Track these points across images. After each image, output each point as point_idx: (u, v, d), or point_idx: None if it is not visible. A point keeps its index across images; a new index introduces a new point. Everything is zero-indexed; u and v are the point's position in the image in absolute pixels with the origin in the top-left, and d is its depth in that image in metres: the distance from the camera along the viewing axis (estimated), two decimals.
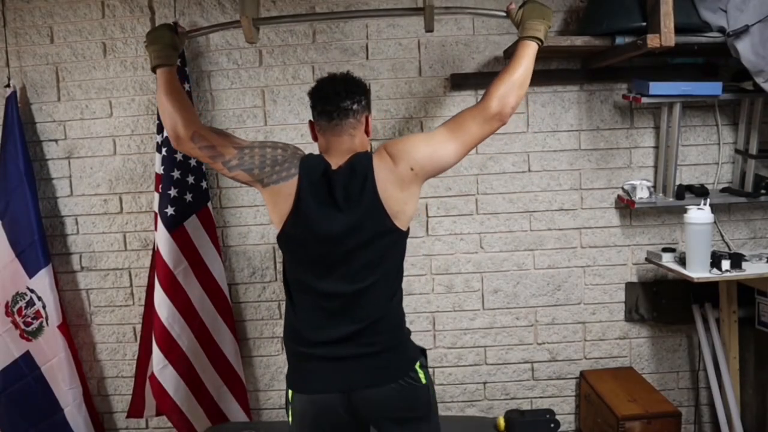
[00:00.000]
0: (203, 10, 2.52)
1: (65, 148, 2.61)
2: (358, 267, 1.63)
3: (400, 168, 1.63)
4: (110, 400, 2.76)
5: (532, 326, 2.65)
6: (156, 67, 1.81)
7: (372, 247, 1.63)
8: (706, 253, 2.18)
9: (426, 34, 2.14)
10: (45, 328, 2.50)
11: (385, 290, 1.68)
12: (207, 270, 2.51)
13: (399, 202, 1.63)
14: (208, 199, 2.52)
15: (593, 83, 2.52)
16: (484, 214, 2.59)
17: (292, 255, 1.72)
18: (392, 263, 1.70)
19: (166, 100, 1.75)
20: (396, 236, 1.66)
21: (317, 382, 1.66)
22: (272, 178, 1.66)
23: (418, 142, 1.69)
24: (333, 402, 1.64)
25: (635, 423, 2.23)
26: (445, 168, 1.70)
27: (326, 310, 1.65)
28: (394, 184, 1.62)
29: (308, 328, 1.67)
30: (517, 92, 1.67)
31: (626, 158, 2.56)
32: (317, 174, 1.64)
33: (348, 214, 1.61)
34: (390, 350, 1.67)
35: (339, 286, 1.64)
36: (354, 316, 1.64)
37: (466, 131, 1.66)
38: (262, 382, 2.73)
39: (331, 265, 1.64)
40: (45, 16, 2.54)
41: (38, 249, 2.47)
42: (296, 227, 1.64)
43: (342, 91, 1.67)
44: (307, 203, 1.62)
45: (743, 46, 2.07)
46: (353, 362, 1.64)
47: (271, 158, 1.67)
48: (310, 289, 1.67)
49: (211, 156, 1.70)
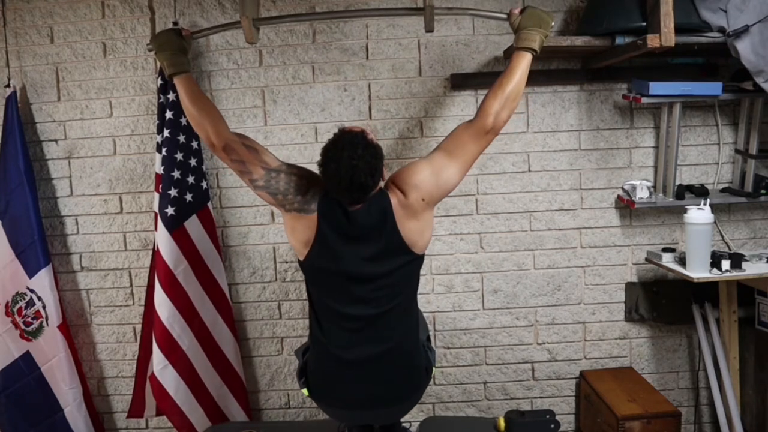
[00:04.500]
0: (203, 10, 2.52)
1: (65, 148, 2.61)
2: (379, 294, 1.70)
3: (411, 200, 1.67)
4: (110, 400, 2.76)
5: (532, 326, 2.65)
6: (172, 75, 1.82)
7: (393, 276, 1.70)
8: (706, 253, 2.19)
9: (426, 34, 2.15)
10: (45, 328, 2.51)
11: (406, 310, 1.77)
12: (207, 270, 2.51)
13: (416, 233, 1.69)
14: (208, 199, 2.53)
15: (593, 83, 2.52)
16: (484, 214, 2.59)
17: (315, 282, 1.77)
18: (410, 287, 1.79)
19: (192, 110, 1.78)
20: (415, 263, 1.74)
21: (341, 401, 1.78)
22: (294, 206, 1.70)
23: (422, 171, 1.70)
24: (353, 415, 1.82)
25: (635, 423, 2.23)
26: (451, 190, 1.76)
27: (350, 330, 1.72)
28: (410, 216, 1.68)
29: (334, 346, 1.74)
30: (510, 105, 1.72)
31: (626, 158, 2.56)
32: (336, 213, 1.67)
33: (369, 247, 1.67)
34: (410, 371, 1.78)
35: (360, 310, 1.70)
36: (377, 336, 1.72)
37: (465, 150, 1.71)
38: (262, 382, 2.73)
39: (353, 293, 1.70)
40: (45, 16, 2.54)
41: (38, 249, 2.47)
42: (320, 259, 1.70)
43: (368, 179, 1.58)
44: (330, 237, 1.67)
45: (743, 46, 2.07)
46: (379, 383, 1.73)
47: (296, 186, 1.70)
48: (334, 311, 1.73)
49: (240, 171, 1.76)
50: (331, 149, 1.60)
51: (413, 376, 1.80)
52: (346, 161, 1.55)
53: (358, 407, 1.78)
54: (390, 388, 1.75)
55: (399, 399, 1.79)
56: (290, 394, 2.74)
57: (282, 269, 2.65)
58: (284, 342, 2.70)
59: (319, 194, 1.68)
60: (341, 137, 1.61)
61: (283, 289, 2.66)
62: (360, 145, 1.57)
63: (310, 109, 2.56)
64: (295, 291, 2.65)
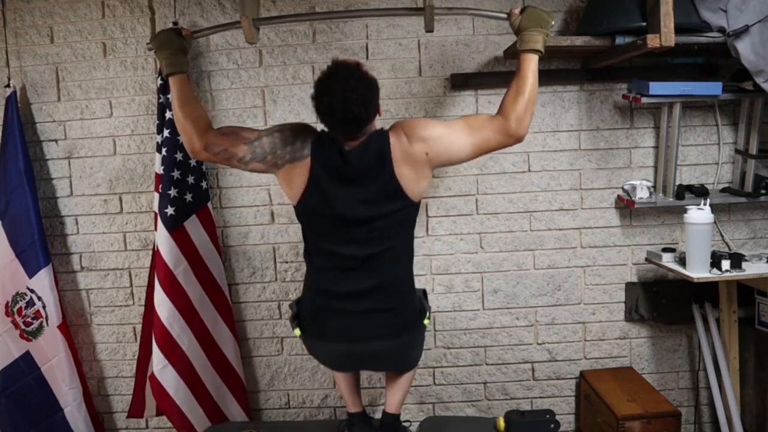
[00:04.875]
0: (203, 10, 2.52)
1: (65, 148, 2.61)
2: (373, 236, 1.72)
3: (415, 149, 1.67)
4: (110, 400, 2.76)
5: (532, 326, 2.65)
6: (169, 75, 1.83)
7: (386, 218, 1.71)
8: (706, 253, 2.18)
9: (426, 34, 2.15)
10: (45, 328, 2.51)
11: (399, 254, 1.79)
12: (207, 270, 2.51)
13: (411, 180, 1.69)
14: (208, 199, 2.53)
15: (593, 83, 2.52)
16: (484, 214, 2.59)
17: (310, 225, 1.79)
18: (405, 231, 1.80)
19: (180, 113, 1.79)
20: (409, 209, 1.74)
21: (334, 334, 1.79)
22: (286, 158, 1.70)
23: (436, 128, 1.71)
24: (348, 349, 1.81)
25: (635, 423, 2.23)
26: (454, 161, 1.75)
27: (344, 269, 1.75)
28: (408, 163, 1.67)
29: (327, 282, 1.78)
30: (531, 110, 1.72)
31: (626, 158, 2.56)
32: (331, 153, 1.68)
33: (364, 190, 1.68)
34: (403, 308, 1.80)
35: (355, 251, 1.72)
36: (370, 274, 1.74)
37: (483, 135, 1.70)
38: (262, 382, 2.73)
39: (347, 234, 1.72)
40: (45, 16, 2.54)
41: (38, 249, 2.47)
42: (313, 202, 1.71)
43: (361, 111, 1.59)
44: (323, 180, 1.68)
45: (743, 46, 2.07)
46: (369, 316, 1.76)
47: (281, 141, 1.72)
48: (328, 253, 1.76)
49: (226, 158, 1.77)
50: (324, 81, 1.61)
51: (406, 313, 1.81)
52: (340, 92, 1.56)
53: (349, 339, 1.78)
54: (381, 319, 1.76)
55: (390, 334, 1.78)
56: (290, 394, 2.74)
57: (282, 269, 2.65)
58: (284, 342, 2.70)
59: (310, 139, 1.71)
60: (335, 69, 1.61)
61: (283, 289, 2.66)
62: (354, 76, 1.58)
63: (310, 109, 2.49)
64: (295, 291, 2.65)
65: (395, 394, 2.07)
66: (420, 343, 1.97)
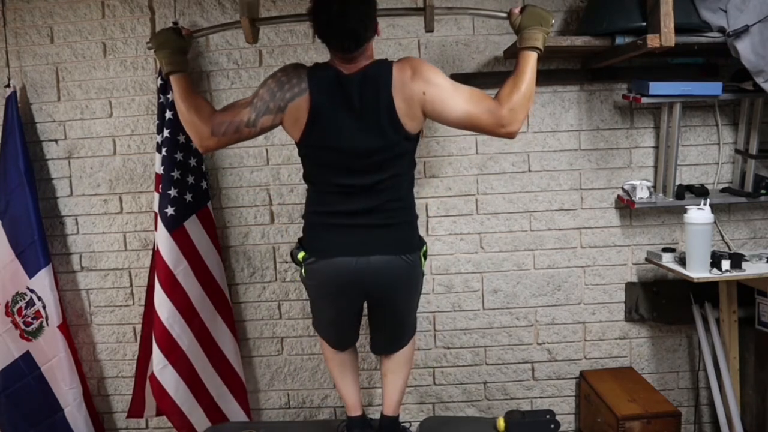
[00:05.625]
0: (203, 10, 2.52)
1: (65, 148, 2.61)
2: (373, 164, 1.74)
3: (414, 86, 1.68)
4: (110, 400, 2.76)
5: (532, 326, 2.65)
6: (169, 74, 1.83)
7: (385, 151, 1.73)
8: (706, 253, 2.18)
9: (426, 34, 2.15)
10: (45, 328, 2.51)
11: (400, 181, 1.82)
12: (207, 270, 2.51)
13: (405, 115, 1.71)
14: (208, 199, 2.53)
15: (593, 83, 2.52)
16: (484, 214, 2.59)
17: (311, 158, 1.82)
18: (406, 159, 1.82)
19: (183, 106, 1.80)
20: (407, 143, 1.77)
21: (336, 247, 1.81)
22: (286, 97, 1.71)
23: (442, 78, 1.73)
24: (348, 265, 1.79)
25: (635, 423, 2.23)
26: (443, 117, 1.74)
27: (345, 194, 1.79)
28: (405, 97, 1.69)
29: (328, 204, 1.82)
30: (527, 105, 1.72)
31: (626, 158, 2.56)
32: (329, 82, 1.69)
33: (363, 119, 1.69)
34: (401, 227, 1.85)
35: (357, 180, 1.76)
36: (371, 197, 1.78)
37: (478, 109, 1.71)
38: (262, 382, 2.73)
39: (349, 165, 1.75)
40: (45, 16, 2.54)
41: (38, 249, 2.47)
42: (315, 135, 1.73)
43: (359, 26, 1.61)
44: (322, 111, 1.69)
45: (743, 46, 2.07)
46: (368, 231, 1.79)
47: (277, 84, 1.73)
48: (330, 183, 1.80)
49: (235, 131, 1.77)
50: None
51: (405, 231, 1.86)
52: (338, 6, 1.58)
53: (352, 252, 1.79)
54: (383, 233, 1.80)
55: (392, 249, 1.81)
56: (290, 394, 2.74)
57: (282, 269, 2.65)
58: (284, 342, 2.70)
59: (305, 73, 1.72)
60: None
61: (283, 289, 2.66)
62: None
63: None
64: (295, 291, 2.65)
65: (393, 394, 2.06)
66: (418, 285, 1.96)
